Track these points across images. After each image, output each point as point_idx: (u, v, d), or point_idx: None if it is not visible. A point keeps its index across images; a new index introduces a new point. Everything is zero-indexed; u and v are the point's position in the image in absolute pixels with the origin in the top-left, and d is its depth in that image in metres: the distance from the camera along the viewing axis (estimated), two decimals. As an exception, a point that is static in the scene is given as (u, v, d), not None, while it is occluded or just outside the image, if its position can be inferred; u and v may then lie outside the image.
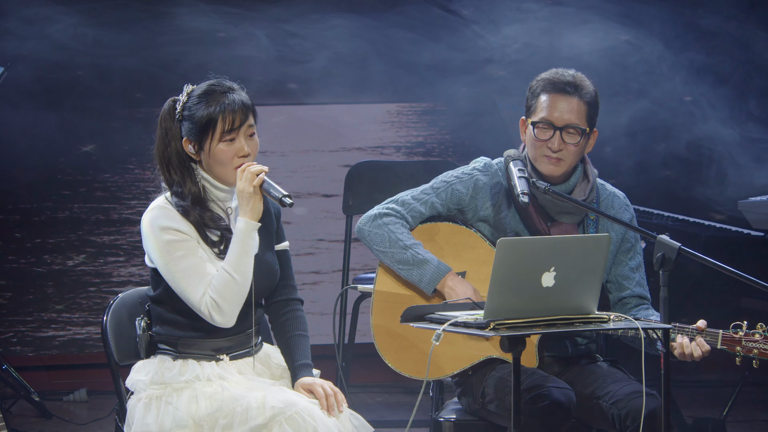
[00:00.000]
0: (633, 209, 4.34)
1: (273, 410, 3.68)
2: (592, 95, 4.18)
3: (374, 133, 7.66)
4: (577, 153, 4.17)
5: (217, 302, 3.79)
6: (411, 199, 4.28)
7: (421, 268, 4.17)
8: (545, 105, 4.15)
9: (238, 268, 3.80)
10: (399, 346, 4.22)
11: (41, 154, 7.32)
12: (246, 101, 3.88)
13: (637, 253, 4.28)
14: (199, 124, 3.84)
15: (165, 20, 7.24)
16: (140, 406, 3.80)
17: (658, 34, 7.15)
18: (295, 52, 7.33)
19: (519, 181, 4.09)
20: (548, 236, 4.13)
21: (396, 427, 6.23)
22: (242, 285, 3.81)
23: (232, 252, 3.81)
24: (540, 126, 4.16)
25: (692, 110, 7.09)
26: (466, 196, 4.26)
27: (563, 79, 4.17)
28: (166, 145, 3.89)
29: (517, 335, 3.50)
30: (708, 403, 6.75)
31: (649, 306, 4.25)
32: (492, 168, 4.29)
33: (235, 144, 3.85)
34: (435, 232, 4.29)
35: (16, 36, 7.17)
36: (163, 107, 3.93)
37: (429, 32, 7.35)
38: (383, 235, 4.23)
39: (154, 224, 3.83)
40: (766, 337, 3.93)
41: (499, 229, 4.24)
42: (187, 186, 3.87)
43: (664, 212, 6.29)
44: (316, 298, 7.42)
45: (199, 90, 3.89)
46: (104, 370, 4.09)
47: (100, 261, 7.43)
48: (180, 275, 3.80)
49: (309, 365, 3.94)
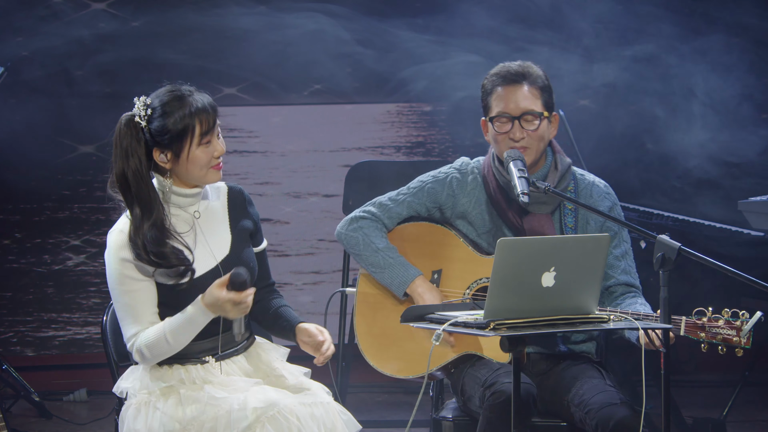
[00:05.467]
0: (616, 198, 4.34)
1: (255, 411, 3.68)
2: (542, 79, 4.25)
3: (374, 133, 7.66)
4: (540, 138, 4.21)
5: (143, 353, 3.80)
6: (388, 201, 4.35)
7: (392, 271, 4.24)
8: (499, 99, 4.22)
9: (176, 337, 3.79)
10: (380, 346, 4.27)
11: (41, 154, 7.32)
12: (212, 101, 3.84)
13: (622, 240, 4.29)
14: (173, 131, 3.77)
15: (165, 20, 7.25)
16: (130, 412, 3.81)
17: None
18: (295, 52, 7.33)
19: (519, 181, 4.10)
20: (548, 236, 4.14)
21: (396, 427, 6.23)
22: (172, 350, 3.81)
23: (178, 322, 3.78)
24: (498, 120, 4.22)
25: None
26: (443, 194, 4.31)
27: (511, 69, 4.24)
28: (125, 164, 3.77)
29: (517, 335, 3.50)
30: (708, 403, 6.74)
31: (637, 293, 4.24)
32: (468, 166, 4.35)
33: (212, 145, 3.82)
34: (412, 232, 4.35)
35: (16, 36, 7.17)
36: (118, 124, 3.81)
37: (429, 32, 7.35)
38: (358, 238, 4.31)
39: (114, 251, 3.80)
40: (730, 323, 3.87)
41: (476, 225, 4.29)
42: (146, 207, 3.76)
43: (664, 212, 6.28)
44: (317, 298, 7.41)
45: (162, 98, 3.80)
46: (104, 370, 4.10)
47: (100, 261, 7.43)
48: (119, 307, 3.82)
49: (301, 321, 3.96)
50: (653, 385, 4.00)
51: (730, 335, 3.87)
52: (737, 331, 3.86)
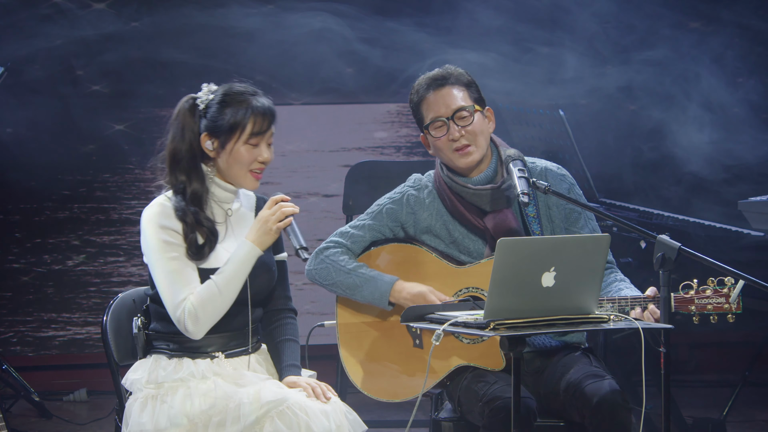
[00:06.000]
0: (572, 179, 4.35)
1: (267, 405, 3.70)
2: (464, 77, 4.27)
3: (374, 133, 7.66)
4: (479, 133, 4.23)
5: (197, 311, 3.81)
6: (349, 228, 4.35)
7: (369, 285, 4.22)
8: (428, 105, 4.25)
9: (227, 286, 3.83)
10: (371, 373, 4.26)
11: (41, 154, 7.31)
12: (273, 107, 3.93)
13: (588, 219, 4.29)
14: (227, 122, 3.87)
15: (168, 20, 7.24)
16: (136, 406, 3.81)
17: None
18: (295, 52, 7.33)
19: (519, 181, 4.10)
20: (548, 236, 4.14)
21: (396, 427, 6.22)
22: (225, 304, 3.84)
23: (227, 271, 3.84)
24: (433, 126, 4.24)
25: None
26: (402, 213, 4.31)
27: (431, 76, 4.27)
28: (180, 141, 3.90)
29: (517, 335, 3.50)
30: (708, 403, 6.74)
31: (614, 268, 4.26)
32: (422, 181, 4.36)
33: (258, 148, 3.91)
34: (380, 256, 4.33)
35: (17, 36, 7.16)
36: (180, 103, 3.95)
37: (429, 32, 7.35)
38: (327, 267, 4.31)
39: (154, 221, 3.86)
40: (718, 291, 3.91)
41: (442, 236, 4.29)
42: (192, 184, 3.88)
43: (664, 212, 6.27)
44: (317, 298, 7.40)
45: (226, 89, 3.92)
46: (104, 370, 4.10)
47: (100, 261, 7.43)
48: (166, 275, 3.83)
49: (296, 366, 3.96)
50: (653, 385, 4.00)
51: (720, 303, 3.92)
52: (726, 298, 3.93)
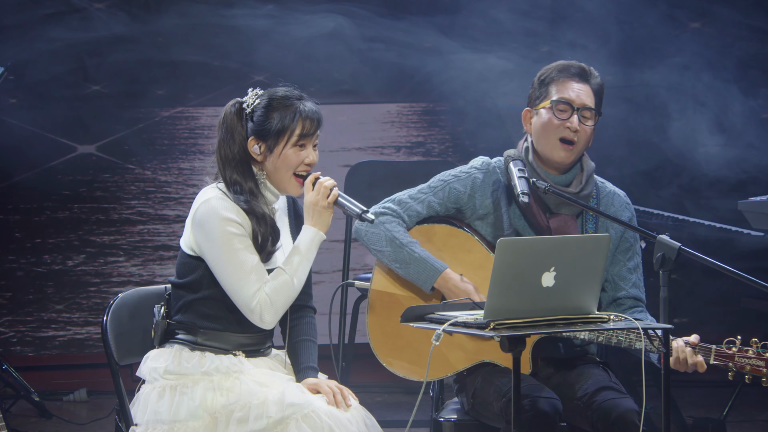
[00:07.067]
0: (633, 209, 4.34)
1: (291, 407, 3.70)
2: (600, 84, 4.25)
3: (374, 133, 7.66)
4: (588, 140, 4.21)
5: (272, 300, 3.83)
6: (408, 198, 4.28)
7: (418, 265, 4.17)
8: (563, 87, 4.20)
9: (297, 272, 3.87)
10: (394, 346, 4.22)
11: (41, 153, 7.32)
12: (319, 111, 3.95)
13: (635, 253, 4.28)
14: (274, 126, 3.89)
15: (177, 21, 7.25)
16: (154, 394, 3.81)
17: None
18: (295, 52, 7.33)
19: (519, 181, 4.09)
20: (548, 236, 4.13)
21: (396, 427, 6.22)
22: (296, 290, 3.88)
23: (295, 258, 3.87)
24: (559, 106, 4.18)
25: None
26: (464, 195, 4.25)
27: (574, 65, 4.24)
28: (229, 145, 3.93)
29: (517, 335, 3.50)
30: (708, 403, 6.74)
31: (644, 309, 4.25)
32: (490, 166, 4.29)
33: (305, 151, 3.92)
34: (432, 234, 4.28)
35: (17, 36, 7.17)
36: (226, 107, 3.98)
37: (430, 31, 7.35)
38: (380, 234, 4.23)
39: (217, 214, 3.85)
40: (760, 354, 3.88)
41: (497, 226, 4.24)
42: (248, 183, 3.90)
43: (664, 212, 6.28)
44: (317, 298, 7.38)
45: (272, 94, 3.95)
46: (104, 370, 4.09)
47: (100, 261, 7.43)
48: (236, 268, 3.83)
49: (314, 368, 3.96)
50: (653, 385, 4.00)
51: (759, 366, 3.88)
52: (766, 363, 3.88)
